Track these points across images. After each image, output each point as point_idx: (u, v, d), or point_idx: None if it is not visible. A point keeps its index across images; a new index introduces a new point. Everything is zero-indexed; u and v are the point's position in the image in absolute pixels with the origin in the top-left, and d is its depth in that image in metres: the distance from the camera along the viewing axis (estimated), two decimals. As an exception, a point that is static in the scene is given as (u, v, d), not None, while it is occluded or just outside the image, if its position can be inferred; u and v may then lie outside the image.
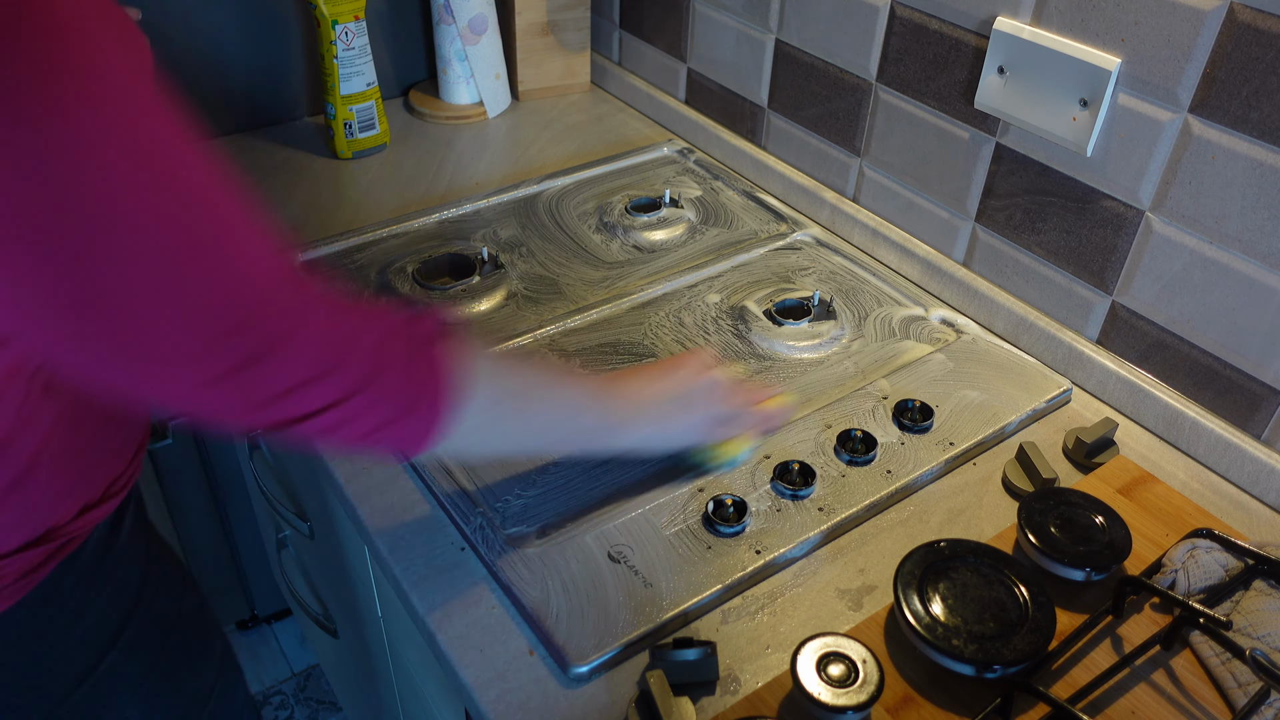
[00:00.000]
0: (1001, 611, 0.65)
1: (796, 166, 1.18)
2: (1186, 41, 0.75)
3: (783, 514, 0.76)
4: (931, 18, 0.95)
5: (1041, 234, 0.92)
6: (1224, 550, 0.71)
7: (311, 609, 1.29)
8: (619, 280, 1.04)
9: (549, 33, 1.38)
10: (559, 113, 1.40)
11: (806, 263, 1.07)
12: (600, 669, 0.66)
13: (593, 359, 0.92)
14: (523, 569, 0.71)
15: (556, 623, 0.67)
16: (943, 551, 0.69)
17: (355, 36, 1.21)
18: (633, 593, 0.69)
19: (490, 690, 0.65)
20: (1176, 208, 0.80)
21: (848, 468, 0.81)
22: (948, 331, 0.98)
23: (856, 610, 0.71)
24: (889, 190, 1.06)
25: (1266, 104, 0.72)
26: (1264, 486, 0.80)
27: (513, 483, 0.79)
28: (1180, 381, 0.85)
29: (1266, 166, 0.73)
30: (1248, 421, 0.81)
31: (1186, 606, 0.65)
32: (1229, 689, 0.63)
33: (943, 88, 0.96)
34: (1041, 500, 0.74)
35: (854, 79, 1.05)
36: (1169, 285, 0.83)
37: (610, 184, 1.21)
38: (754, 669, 0.66)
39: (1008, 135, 0.92)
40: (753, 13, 1.15)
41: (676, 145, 1.30)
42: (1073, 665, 0.66)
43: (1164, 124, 0.79)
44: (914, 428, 0.84)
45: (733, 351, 0.94)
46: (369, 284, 1.00)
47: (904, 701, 0.63)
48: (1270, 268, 0.76)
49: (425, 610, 0.70)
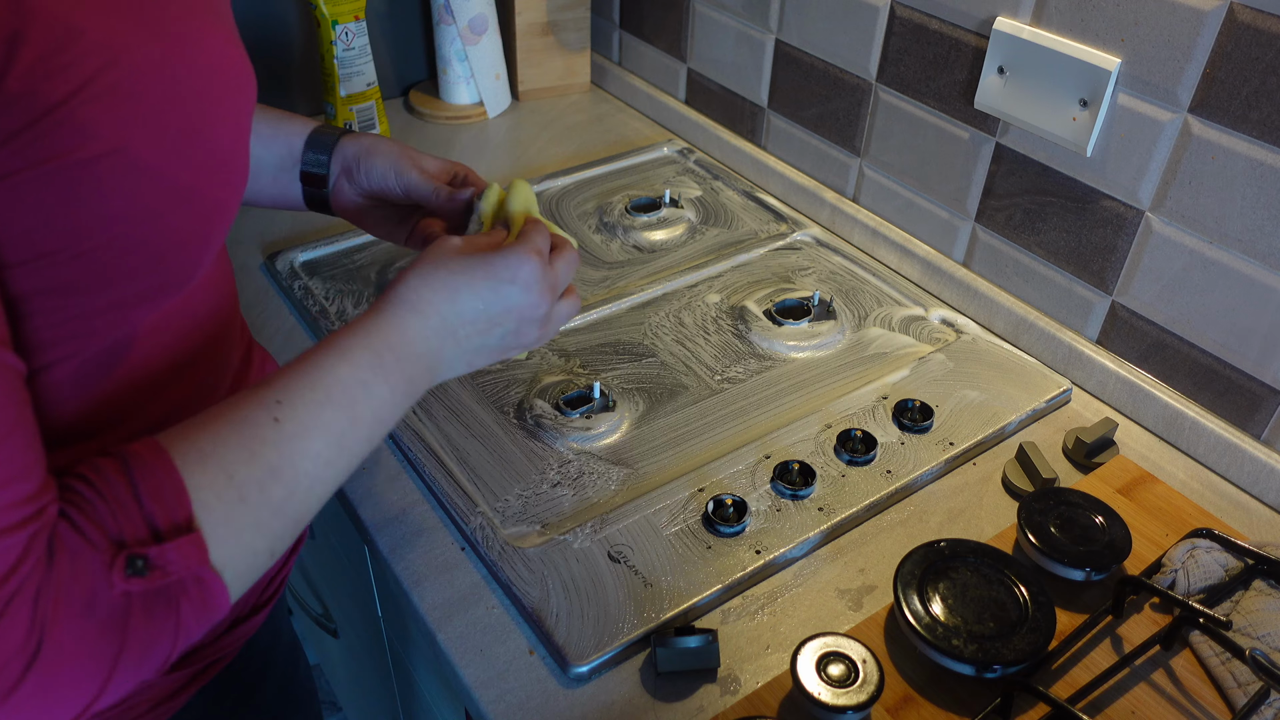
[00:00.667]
0: (1001, 611, 0.65)
1: (796, 166, 1.18)
2: (1186, 41, 0.75)
3: (783, 514, 0.76)
4: (931, 18, 0.95)
5: (1041, 234, 0.92)
6: (1224, 550, 0.71)
7: (312, 608, 1.29)
8: (619, 280, 1.04)
9: (549, 33, 1.38)
10: (559, 113, 1.40)
11: (806, 263, 1.07)
12: (600, 669, 0.66)
13: (592, 359, 0.92)
14: (523, 569, 0.71)
15: (556, 623, 0.67)
16: (943, 551, 0.69)
17: (355, 36, 1.21)
18: (633, 592, 0.69)
19: (490, 690, 0.65)
20: (1176, 208, 0.80)
21: (848, 468, 0.81)
22: (948, 331, 0.98)
23: (856, 610, 0.71)
24: (889, 190, 1.07)
25: (1266, 104, 0.72)
26: (1264, 486, 0.80)
27: (513, 482, 0.79)
28: (1180, 381, 0.85)
29: (1266, 166, 0.73)
30: (1248, 421, 0.81)
31: (1186, 606, 0.65)
32: (1229, 689, 0.63)
33: (943, 88, 0.96)
34: (1041, 500, 0.74)
35: (854, 79, 1.05)
36: (1169, 285, 0.83)
37: (610, 184, 1.21)
38: (754, 669, 0.66)
39: (1008, 135, 0.92)
40: (753, 13, 1.15)
41: (676, 145, 1.30)
42: (1073, 665, 0.66)
43: (1164, 124, 0.79)
44: (914, 428, 0.84)
45: (733, 351, 0.94)
46: (369, 284, 1.00)
47: (904, 701, 0.63)
48: (1270, 268, 0.76)
49: (425, 610, 0.70)
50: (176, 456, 0.45)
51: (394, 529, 0.76)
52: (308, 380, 0.50)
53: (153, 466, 0.44)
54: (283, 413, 0.48)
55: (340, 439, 0.51)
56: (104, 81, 0.41)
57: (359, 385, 0.52)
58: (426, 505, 0.78)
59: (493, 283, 0.58)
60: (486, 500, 0.77)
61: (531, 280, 0.60)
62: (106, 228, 0.44)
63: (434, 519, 0.76)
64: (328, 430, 0.50)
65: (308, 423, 0.49)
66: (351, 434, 0.51)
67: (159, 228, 0.46)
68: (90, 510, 0.42)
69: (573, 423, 0.83)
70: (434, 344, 0.56)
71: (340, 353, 0.52)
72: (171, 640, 0.44)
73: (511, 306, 0.59)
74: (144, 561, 0.42)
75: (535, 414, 0.84)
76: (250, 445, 0.47)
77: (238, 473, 0.46)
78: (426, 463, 0.79)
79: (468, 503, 0.76)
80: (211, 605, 0.45)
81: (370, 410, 0.52)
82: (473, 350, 0.59)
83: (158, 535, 0.42)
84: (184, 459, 0.45)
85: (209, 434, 0.46)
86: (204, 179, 0.48)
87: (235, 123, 0.50)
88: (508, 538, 0.73)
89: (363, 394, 0.52)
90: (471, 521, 0.74)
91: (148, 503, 0.42)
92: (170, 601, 0.43)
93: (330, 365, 0.51)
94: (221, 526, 0.45)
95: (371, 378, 0.52)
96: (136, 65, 0.43)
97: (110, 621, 0.41)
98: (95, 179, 0.42)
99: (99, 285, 0.46)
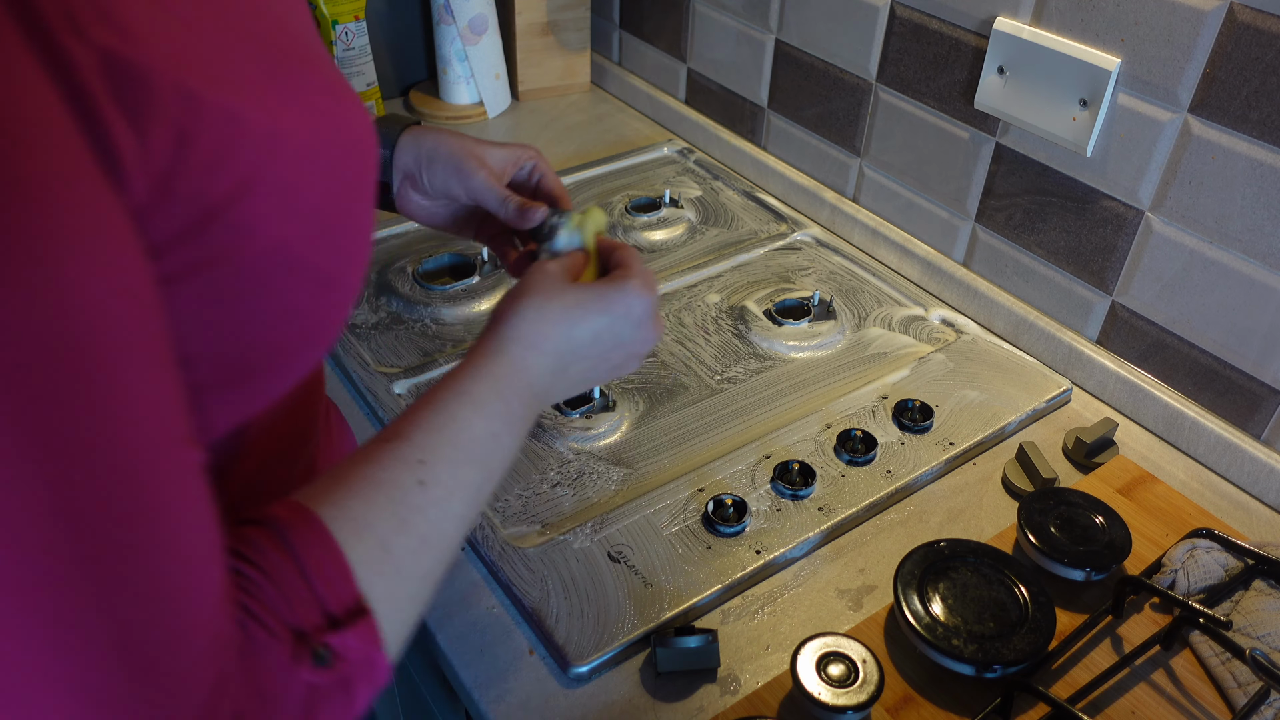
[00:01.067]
0: (1001, 611, 0.65)
1: (796, 166, 1.18)
2: (1186, 41, 0.75)
3: (783, 514, 0.76)
4: (931, 18, 0.95)
5: (1041, 234, 0.92)
6: (1224, 550, 0.71)
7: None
8: (619, 280, 1.03)
9: (549, 33, 1.38)
10: (559, 113, 1.40)
11: (806, 263, 1.07)
12: (600, 669, 0.66)
13: (593, 359, 0.92)
14: (523, 569, 0.71)
15: (556, 623, 0.67)
16: (943, 551, 0.69)
17: (355, 36, 1.21)
18: (633, 592, 0.69)
19: (490, 690, 0.65)
20: (1176, 208, 0.80)
21: (848, 468, 0.81)
22: (948, 331, 0.98)
23: (856, 610, 0.71)
24: (889, 190, 1.06)
25: (1266, 104, 0.72)
26: (1264, 486, 0.80)
27: (513, 482, 0.79)
28: (1180, 381, 0.85)
29: (1266, 166, 0.73)
30: (1248, 421, 0.81)
31: (1186, 606, 0.65)
32: (1229, 689, 0.63)
33: (943, 88, 0.96)
34: (1041, 500, 0.74)
35: (854, 79, 1.05)
36: (1169, 285, 0.83)
37: (610, 184, 1.21)
38: (754, 669, 0.66)
39: (1008, 135, 0.92)
40: (753, 13, 1.15)
41: (676, 145, 1.30)
42: (1073, 665, 0.66)
43: (1164, 124, 0.79)
44: (914, 428, 0.84)
45: (733, 351, 0.94)
46: (369, 284, 1.00)
47: (904, 701, 0.63)
48: (1270, 268, 0.76)
49: (425, 610, 0.70)
50: (331, 526, 0.42)
51: (394, 529, 0.76)
52: (447, 437, 0.48)
53: (311, 541, 0.41)
54: (427, 474, 0.46)
55: (477, 495, 0.49)
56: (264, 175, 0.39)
57: (493, 439, 0.50)
58: (426, 505, 0.78)
59: (609, 318, 0.57)
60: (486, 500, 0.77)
61: (645, 316, 0.59)
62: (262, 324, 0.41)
63: (434, 519, 0.76)
64: (468, 489, 0.48)
65: (451, 485, 0.47)
66: (486, 489, 0.50)
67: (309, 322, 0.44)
68: (262, 595, 0.39)
69: (573, 423, 0.83)
70: (547, 380, 0.55)
71: (474, 404, 0.50)
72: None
73: (623, 341, 0.58)
74: (327, 651, 0.40)
75: (535, 414, 0.84)
76: (400, 512, 0.44)
77: (393, 544, 0.43)
78: (426, 463, 0.79)
79: (468, 503, 0.76)
80: (378, 684, 0.43)
81: (500, 462, 0.51)
82: (578, 382, 0.58)
83: (333, 620, 0.40)
84: (339, 529, 0.42)
85: (359, 500, 0.43)
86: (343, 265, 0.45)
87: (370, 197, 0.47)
88: (508, 538, 0.73)
89: (496, 447, 0.50)
90: (471, 521, 0.74)
91: (318, 585, 0.40)
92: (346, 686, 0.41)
93: (466, 419, 0.49)
94: (384, 603, 0.42)
95: (503, 429, 0.51)
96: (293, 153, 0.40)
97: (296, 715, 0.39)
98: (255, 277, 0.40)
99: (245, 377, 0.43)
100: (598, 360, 0.58)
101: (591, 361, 0.57)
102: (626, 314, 0.58)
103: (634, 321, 0.58)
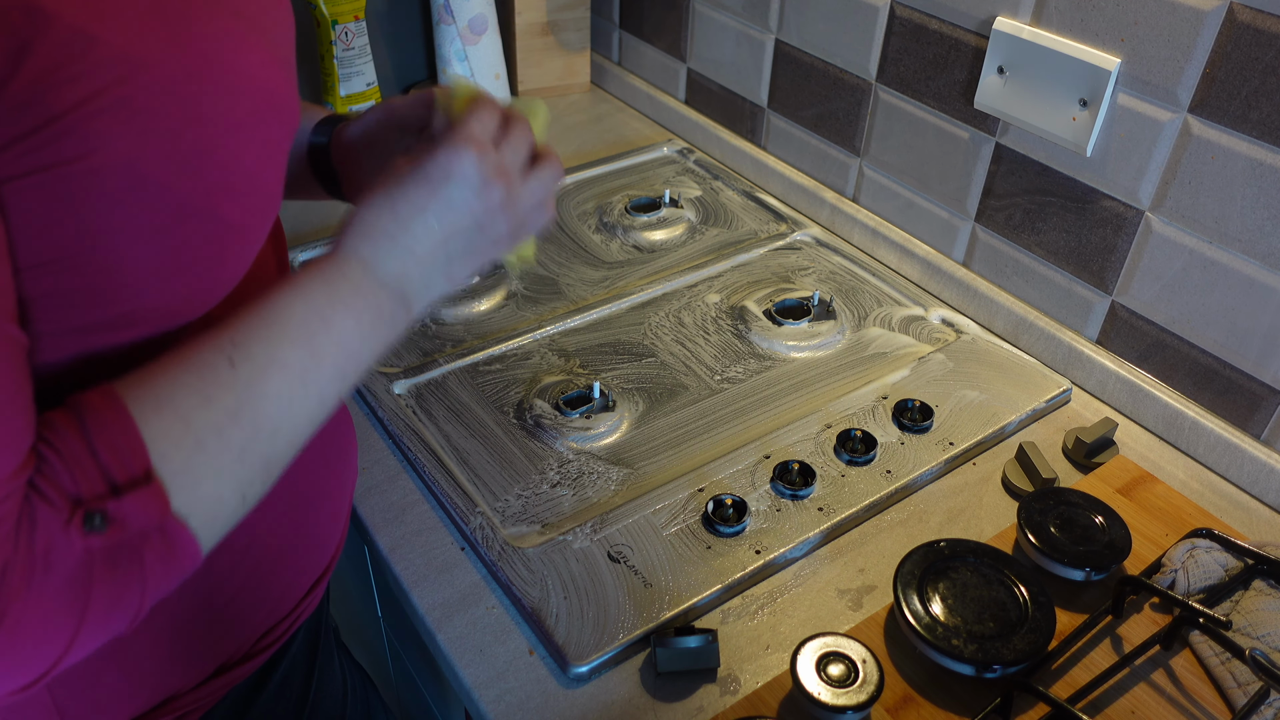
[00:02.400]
0: (1001, 611, 0.65)
1: (796, 166, 1.18)
2: (1186, 41, 0.75)
3: (783, 514, 0.76)
4: (931, 18, 0.95)
5: (1041, 234, 0.92)
6: (1224, 550, 0.71)
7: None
8: (619, 280, 1.04)
9: (549, 33, 1.38)
10: (559, 113, 1.40)
11: (806, 263, 1.07)
12: (600, 669, 0.66)
13: (592, 359, 0.92)
14: (523, 569, 0.71)
15: (556, 623, 0.67)
16: (942, 551, 0.69)
17: (355, 36, 1.21)
18: (632, 592, 0.69)
19: (490, 690, 0.65)
20: (1176, 208, 0.80)
21: (848, 468, 0.81)
22: (948, 331, 0.98)
23: (856, 610, 0.71)
24: (889, 190, 1.07)
25: (1266, 104, 0.72)
26: (1264, 486, 0.80)
27: (513, 482, 0.79)
28: (1180, 381, 0.85)
29: (1266, 166, 0.73)
30: (1247, 421, 0.81)
31: (1186, 606, 0.65)
32: (1229, 689, 0.63)
33: (942, 88, 0.96)
34: (1041, 500, 0.74)
35: (854, 79, 1.05)
36: (1169, 285, 0.83)
37: (610, 184, 1.21)
38: (754, 669, 0.66)
39: (1007, 135, 0.92)
40: (753, 13, 1.15)
41: (676, 145, 1.30)
42: (1072, 665, 0.66)
43: (1164, 124, 0.79)
44: (914, 428, 0.84)
45: (733, 351, 0.94)
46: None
47: (904, 701, 0.63)
48: (1270, 268, 0.76)
49: (425, 610, 0.70)
50: (132, 404, 0.43)
51: (394, 529, 0.76)
52: (262, 319, 0.48)
53: (107, 418, 0.42)
54: (238, 354, 0.46)
55: (302, 376, 0.48)
56: (116, 94, 0.41)
57: (317, 319, 0.49)
58: (426, 505, 0.78)
59: (429, 188, 0.53)
60: (486, 500, 0.77)
61: (469, 172, 0.54)
62: (110, 240, 0.43)
63: (434, 519, 0.76)
64: (287, 368, 0.48)
65: (264, 362, 0.47)
66: (315, 370, 0.49)
67: (165, 246, 0.46)
68: (48, 469, 0.41)
69: (573, 423, 0.83)
70: (394, 268, 0.53)
71: (295, 289, 0.50)
72: (139, 593, 0.43)
73: (458, 206, 0.54)
74: (102, 517, 0.41)
75: (535, 414, 0.84)
76: (205, 389, 0.45)
77: (194, 418, 0.44)
78: (426, 463, 0.79)
79: (468, 503, 0.76)
80: (179, 555, 0.44)
81: (333, 344, 0.50)
82: (443, 263, 0.55)
83: (115, 489, 0.42)
84: (140, 407, 0.43)
85: (165, 379, 0.45)
86: (220, 201, 0.47)
87: (262, 146, 0.49)
88: (508, 538, 0.73)
89: (322, 328, 0.49)
90: (471, 521, 0.74)
91: (104, 456, 0.41)
92: (134, 554, 0.42)
93: (285, 302, 0.49)
94: (181, 475, 0.44)
95: (330, 311, 0.50)
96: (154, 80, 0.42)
97: (73, 579, 0.41)
98: (100, 189, 0.42)
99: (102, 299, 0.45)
100: (444, 234, 0.54)
101: (437, 237, 0.54)
102: (447, 178, 0.54)
103: (459, 181, 0.54)
